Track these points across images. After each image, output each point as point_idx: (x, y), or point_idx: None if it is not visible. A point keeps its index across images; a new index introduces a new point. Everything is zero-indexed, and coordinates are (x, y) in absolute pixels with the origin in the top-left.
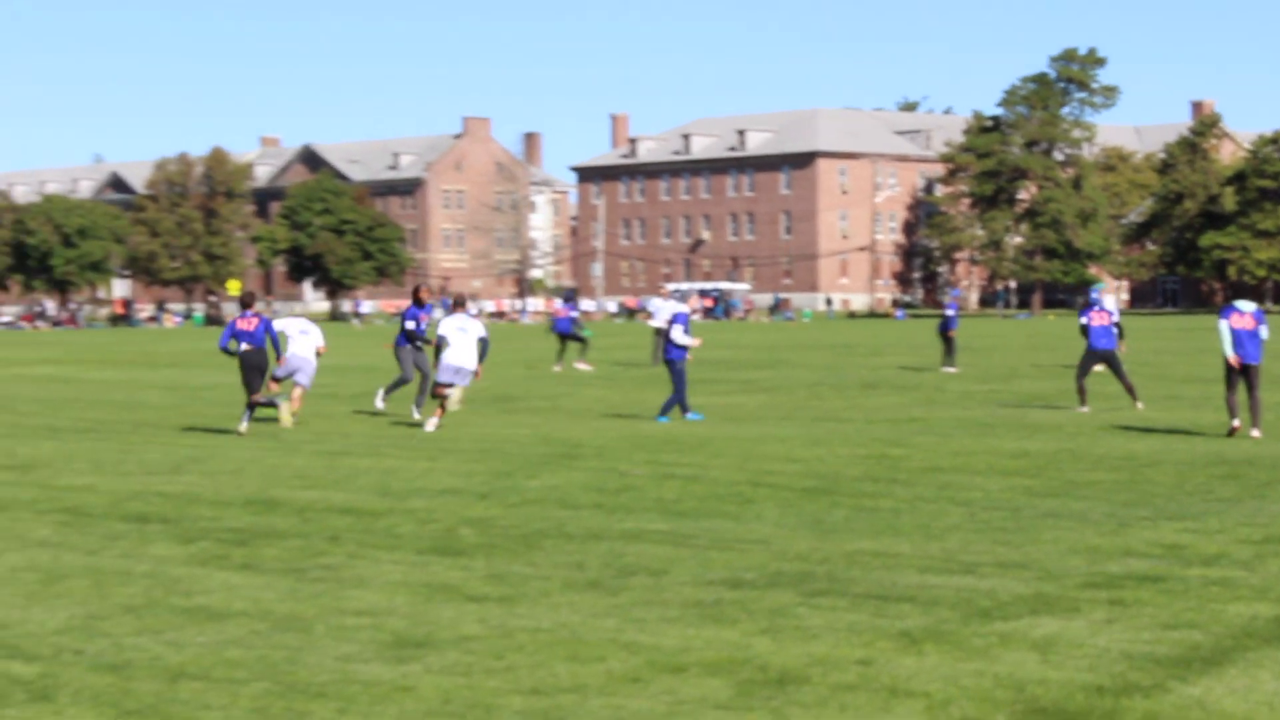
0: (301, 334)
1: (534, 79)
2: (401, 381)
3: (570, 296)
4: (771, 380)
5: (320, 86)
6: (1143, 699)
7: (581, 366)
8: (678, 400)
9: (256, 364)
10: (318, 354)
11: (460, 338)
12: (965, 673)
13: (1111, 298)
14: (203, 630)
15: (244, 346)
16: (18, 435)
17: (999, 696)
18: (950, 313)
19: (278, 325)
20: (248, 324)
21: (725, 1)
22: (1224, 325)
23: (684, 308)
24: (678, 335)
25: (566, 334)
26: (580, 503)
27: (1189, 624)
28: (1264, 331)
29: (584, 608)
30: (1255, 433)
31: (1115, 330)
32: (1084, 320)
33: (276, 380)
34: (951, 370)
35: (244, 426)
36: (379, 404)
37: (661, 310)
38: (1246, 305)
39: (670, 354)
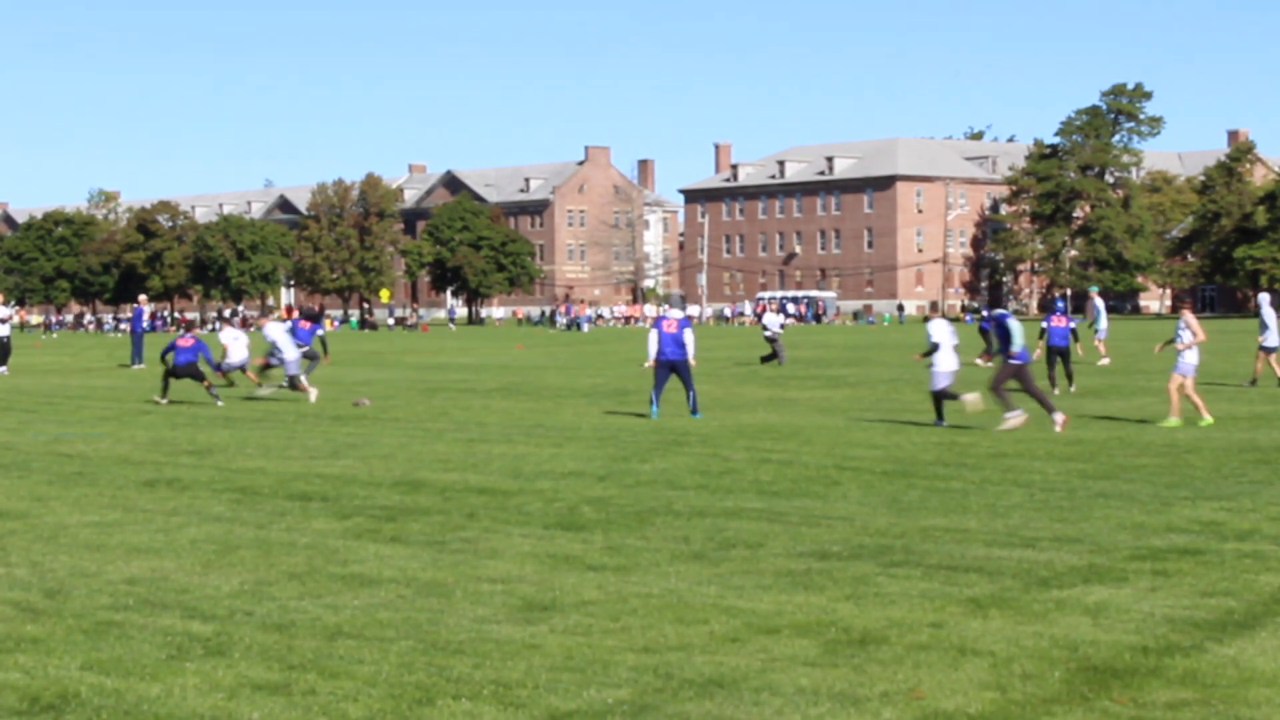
0: (234, 340)
1: (647, 112)
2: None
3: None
4: (856, 377)
5: (461, 119)
6: (1183, 658)
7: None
8: (694, 395)
9: (188, 374)
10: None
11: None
12: (1025, 634)
13: (1100, 301)
14: (357, 595)
15: (178, 361)
16: (197, 424)
17: (1055, 655)
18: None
19: (222, 338)
20: (185, 343)
21: (816, 44)
22: None
23: (681, 314)
24: (688, 338)
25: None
26: (686, 484)
27: (1224, 592)
28: None
29: (689, 576)
30: None
31: (1071, 333)
32: (1044, 324)
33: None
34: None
35: (162, 400)
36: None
37: (768, 315)
38: None
39: (677, 354)
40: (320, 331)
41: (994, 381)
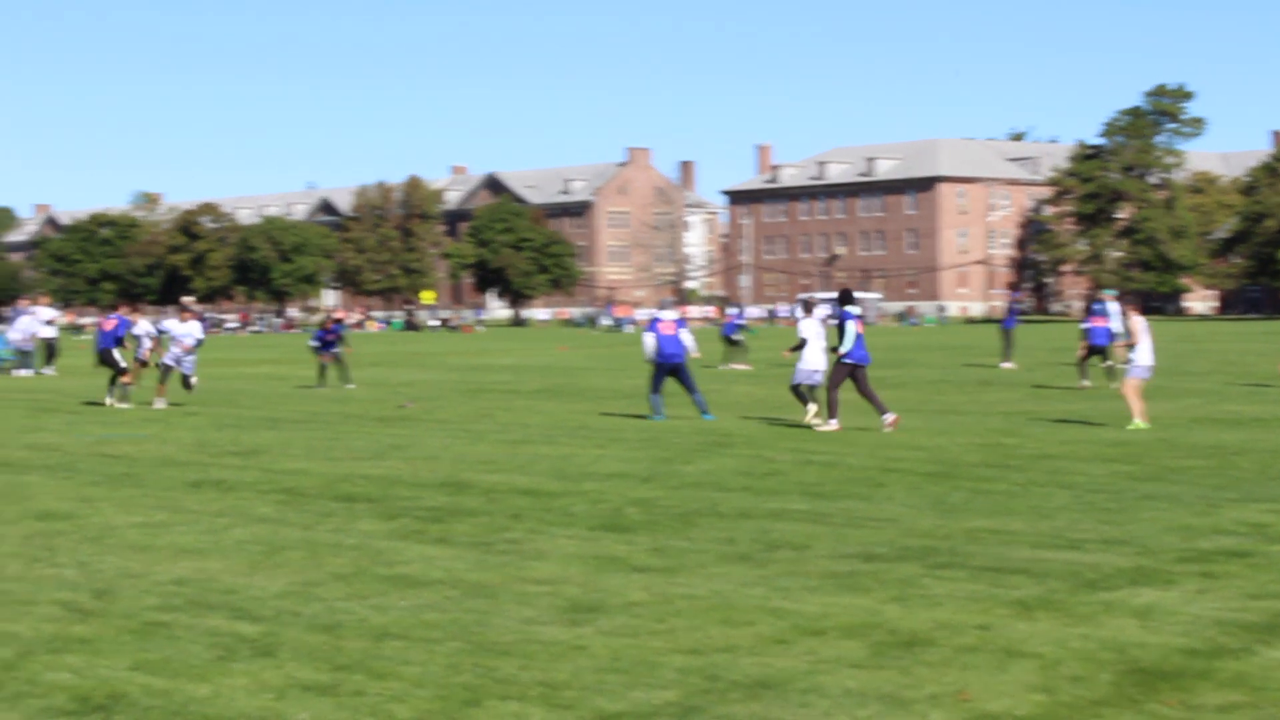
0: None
1: (689, 113)
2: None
3: (739, 306)
4: (899, 378)
5: (503, 121)
6: (1232, 660)
7: (737, 367)
8: (699, 396)
9: (105, 363)
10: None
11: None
12: (1073, 637)
13: (1115, 305)
14: (403, 596)
15: (97, 346)
16: (243, 426)
17: (1103, 658)
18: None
19: (164, 325)
20: (107, 324)
21: (857, 45)
22: None
23: (675, 315)
24: (685, 338)
25: (729, 336)
26: (731, 485)
27: (1273, 594)
28: None
29: (735, 578)
30: None
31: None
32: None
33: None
34: (1009, 366)
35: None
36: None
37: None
38: None
39: (677, 356)
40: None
41: (830, 382)
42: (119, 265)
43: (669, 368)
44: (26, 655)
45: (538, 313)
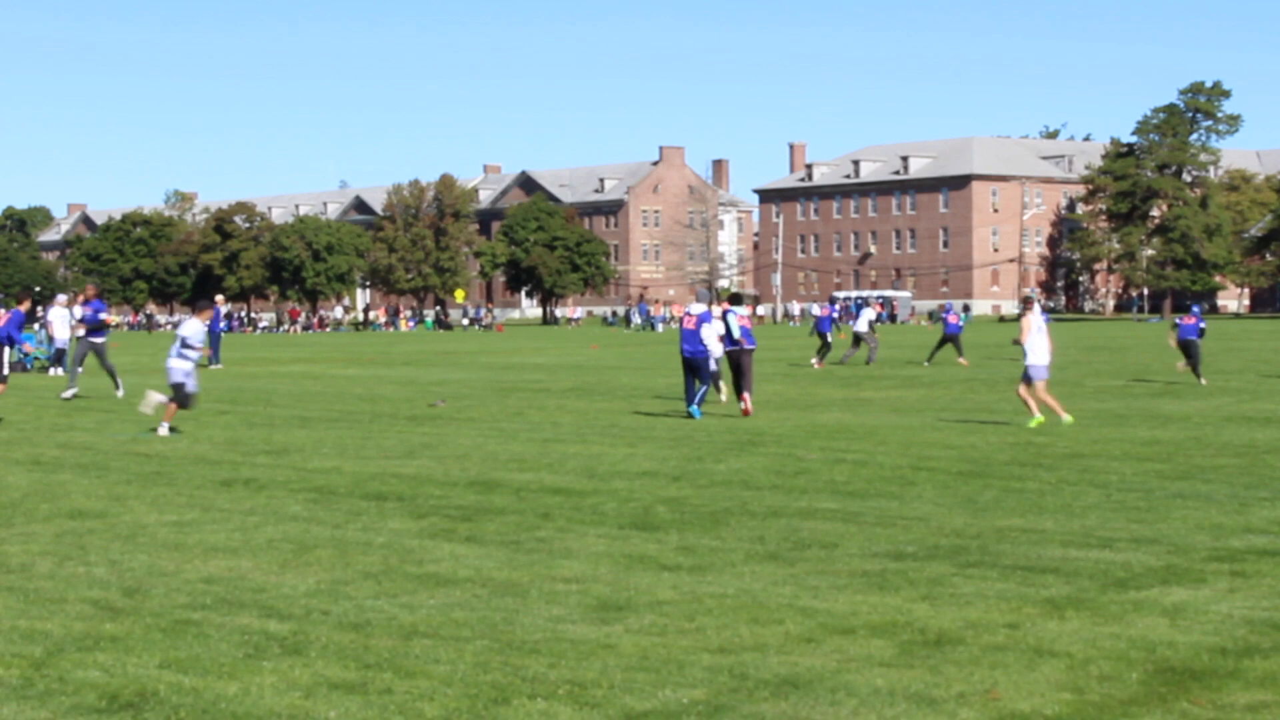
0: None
1: (722, 112)
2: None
3: (833, 299)
4: (931, 376)
5: (536, 120)
6: (1262, 660)
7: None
8: (704, 391)
9: None
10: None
11: None
12: (1102, 635)
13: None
14: (432, 594)
15: None
16: (274, 425)
17: (1133, 657)
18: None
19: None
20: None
21: (890, 44)
22: None
23: (715, 309)
24: (706, 334)
25: (825, 333)
26: (761, 484)
27: None
28: None
29: (764, 576)
30: None
31: (1200, 331)
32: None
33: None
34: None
35: None
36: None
37: (862, 315)
38: None
39: (698, 351)
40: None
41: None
42: (152, 265)
43: (687, 363)
44: (57, 653)
45: (573, 312)
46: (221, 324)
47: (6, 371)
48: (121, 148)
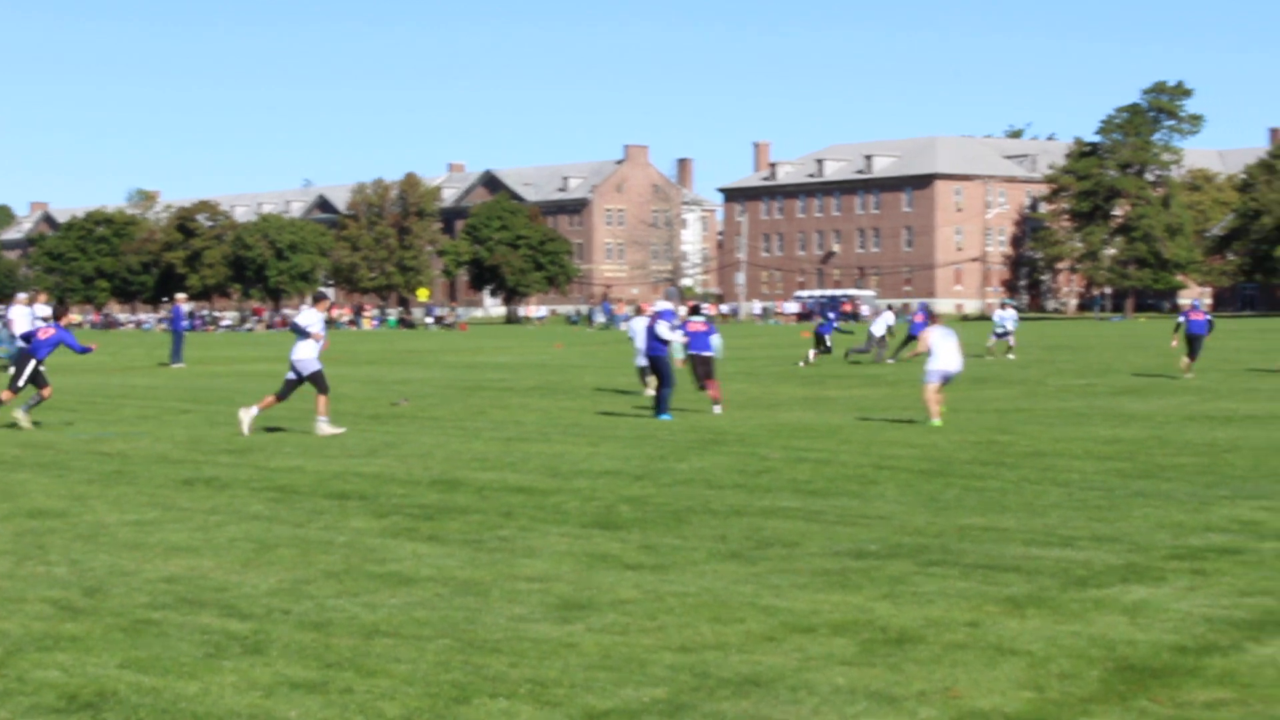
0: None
1: (687, 111)
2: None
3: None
4: (893, 375)
5: (500, 118)
6: (1221, 658)
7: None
8: (668, 393)
9: None
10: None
11: None
12: (1063, 634)
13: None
14: (394, 593)
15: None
16: (236, 423)
17: (1093, 655)
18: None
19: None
20: None
21: (855, 43)
22: None
23: (669, 305)
24: (662, 330)
25: (825, 335)
26: (724, 483)
27: (1263, 591)
28: None
29: (726, 575)
30: None
31: (1208, 324)
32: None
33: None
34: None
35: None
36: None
37: (879, 318)
38: None
39: (655, 350)
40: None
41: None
42: (114, 263)
43: (650, 362)
44: (15, 653)
45: (536, 310)
46: (184, 323)
47: None
48: (84, 146)
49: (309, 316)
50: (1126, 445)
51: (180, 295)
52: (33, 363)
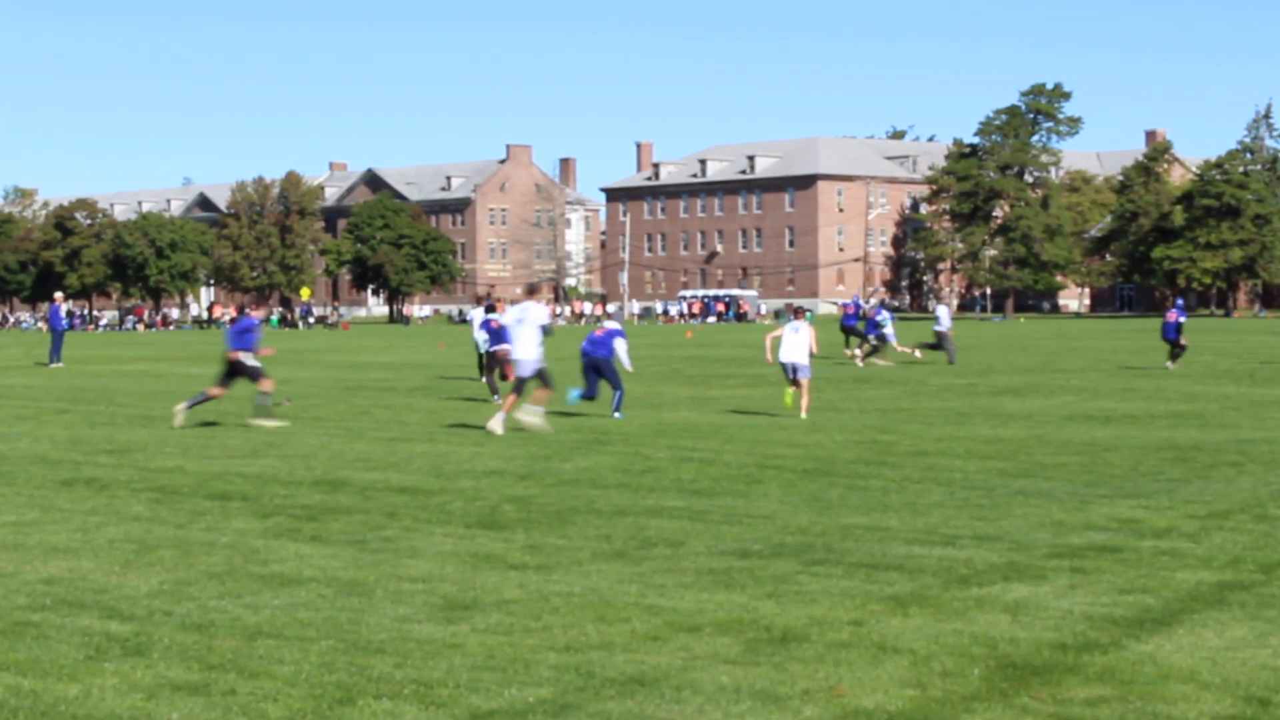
0: None
1: (569, 111)
2: None
3: (857, 299)
4: (776, 375)
5: (381, 117)
6: (1101, 655)
7: (856, 355)
8: (619, 395)
9: None
10: None
11: None
12: (945, 632)
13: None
14: (277, 594)
15: None
16: (116, 423)
17: (975, 653)
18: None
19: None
20: None
21: (738, 43)
22: None
23: (617, 325)
24: (619, 348)
25: (852, 326)
26: (608, 483)
27: (1142, 589)
28: None
29: (611, 575)
30: None
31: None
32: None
33: None
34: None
35: None
36: None
37: (942, 314)
38: None
39: (602, 352)
40: None
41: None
42: None
43: (589, 363)
44: None
45: (420, 310)
46: (63, 322)
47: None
48: None
49: (541, 312)
50: (1007, 444)
51: (58, 294)
52: None
